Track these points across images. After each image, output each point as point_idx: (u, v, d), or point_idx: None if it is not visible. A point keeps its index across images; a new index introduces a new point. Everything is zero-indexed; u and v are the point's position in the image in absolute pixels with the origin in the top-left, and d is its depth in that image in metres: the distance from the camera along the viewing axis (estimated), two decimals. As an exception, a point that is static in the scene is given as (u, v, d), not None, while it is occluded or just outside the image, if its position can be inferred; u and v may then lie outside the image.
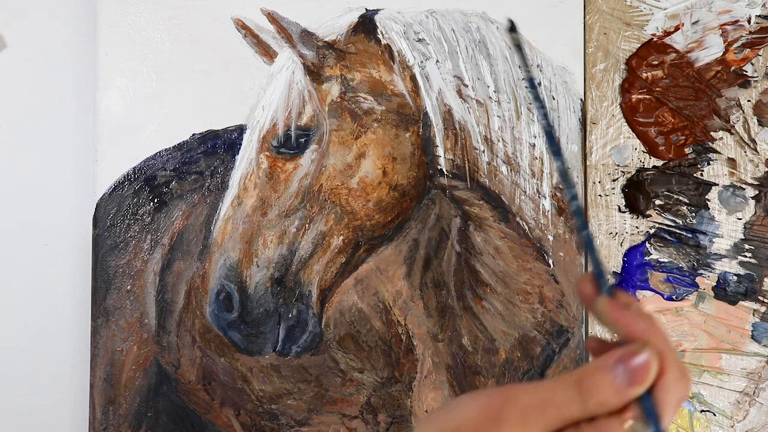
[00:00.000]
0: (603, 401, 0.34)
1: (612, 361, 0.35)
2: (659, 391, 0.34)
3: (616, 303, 0.36)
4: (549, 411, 0.34)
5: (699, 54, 0.71)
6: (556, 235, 0.70)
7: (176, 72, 0.70)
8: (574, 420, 0.35)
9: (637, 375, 0.34)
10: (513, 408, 0.35)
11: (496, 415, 0.35)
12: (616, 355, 0.35)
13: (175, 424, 0.69)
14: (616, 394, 0.34)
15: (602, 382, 0.34)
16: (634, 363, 0.34)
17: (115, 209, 0.69)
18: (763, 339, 0.70)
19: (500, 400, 0.35)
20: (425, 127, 0.69)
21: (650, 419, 0.34)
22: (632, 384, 0.34)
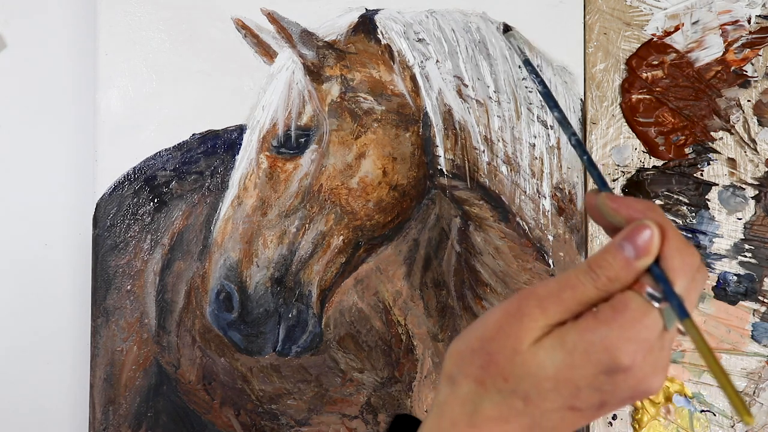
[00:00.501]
0: (614, 276, 0.36)
1: (618, 239, 0.36)
2: (666, 260, 0.36)
3: (614, 195, 0.39)
4: (565, 295, 0.36)
5: (699, 54, 0.71)
6: (556, 235, 0.70)
7: (176, 72, 0.70)
8: (591, 302, 0.36)
9: (643, 246, 0.36)
10: (531, 300, 0.36)
11: (516, 310, 0.37)
12: (622, 234, 0.36)
13: (175, 424, 0.69)
14: (626, 268, 0.36)
15: (611, 259, 0.36)
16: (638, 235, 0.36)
17: (115, 209, 0.69)
18: (763, 339, 0.70)
19: (519, 297, 0.37)
20: (425, 127, 0.69)
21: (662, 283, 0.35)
22: (639, 256, 0.36)
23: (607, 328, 0.35)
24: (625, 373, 0.35)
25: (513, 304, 0.37)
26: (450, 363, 0.39)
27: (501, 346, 0.36)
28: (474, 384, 0.37)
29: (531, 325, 0.36)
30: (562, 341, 0.35)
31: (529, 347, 0.36)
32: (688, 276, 0.36)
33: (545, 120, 0.70)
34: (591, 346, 0.35)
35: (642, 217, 0.37)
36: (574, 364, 0.35)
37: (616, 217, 0.38)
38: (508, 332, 0.36)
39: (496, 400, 0.37)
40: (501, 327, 0.37)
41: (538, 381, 0.36)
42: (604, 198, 0.39)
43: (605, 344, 0.35)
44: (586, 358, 0.35)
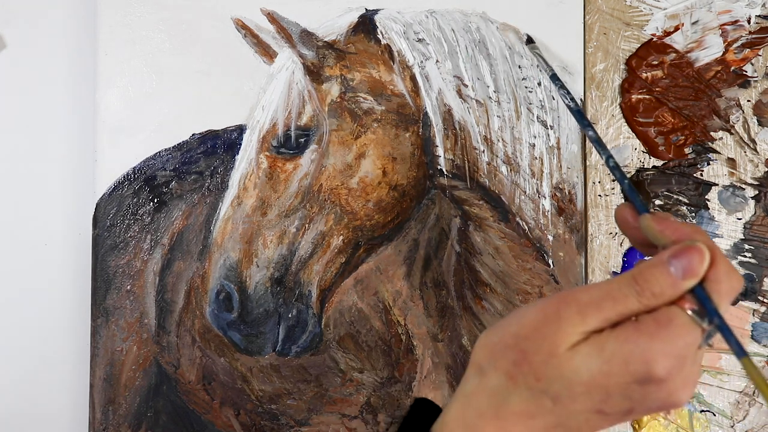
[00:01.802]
0: (659, 293, 0.36)
1: (666, 256, 0.36)
2: (711, 283, 0.36)
3: (658, 216, 0.39)
4: (606, 305, 0.36)
5: (699, 54, 0.71)
6: (555, 235, 0.70)
7: (176, 72, 0.70)
8: (631, 313, 0.37)
9: (691, 267, 0.36)
10: (571, 305, 0.37)
11: (554, 313, 0.37)
12: (670, 252, 0.37)
13: (175, 424, 0.69)
14: (672, 287, 0.36)
15: (658, 276, 0.36)
16: (687, 255, 0.36)
17: (115, 209, 0.69)
18: (763, 339, 0.70)
19: (558, 300, 0.37)
20: (425, 127, 0.69)
21: (706, 306, 0.36)
22: (686, 276, 0.36)
23: (649, 339, 0.35)
24: (658, 384, 0.36)
25: (552, 306, 0.37)
26: (480, 354, 0.39)
27: (537, 346, 0.37)
28: (504, 378, 0.38)
29: (569, 330, 0.36)
30: (600, 349, 0.36)
31: (566, 351, 0.36)
32: (730, 299, 0.37)
33: (545, 120, 0.70)
34: (630, 356, 0.35)
35: (689, 239, 0.37)
36: (610, 372, 0.36)
37: (662, 239, 0.38)
38: (545, 334, 0.37)
39: (525, 396, 0.37)
40: (538, 327, 0.37)
41: (570, 384, 0.36)
42: (648, 220, 0.39)
43: (645, 356, 0.35)
44: (623, 368, 0.36)
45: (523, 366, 0.37)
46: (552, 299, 0.38)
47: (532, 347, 0.37)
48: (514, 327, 0.38)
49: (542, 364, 0.37)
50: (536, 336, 0.37)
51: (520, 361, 0.37)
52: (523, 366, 0.37)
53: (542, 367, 0.37)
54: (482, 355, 0.39)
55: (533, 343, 0.37)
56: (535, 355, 0.37)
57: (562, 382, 0.36)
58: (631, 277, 0.36)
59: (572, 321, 0.36)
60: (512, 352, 0.38)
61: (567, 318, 0.37)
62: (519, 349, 0.37)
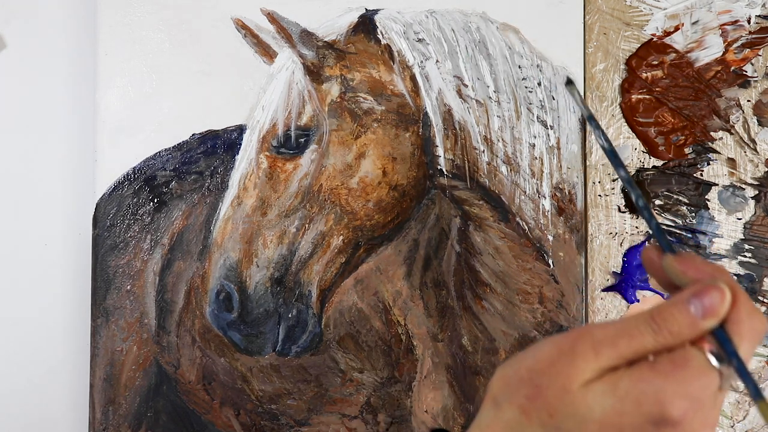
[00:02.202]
0: (676, 332, 0.35)
1: (686, 295, 0.36)
2: (732, 324, 0.36)
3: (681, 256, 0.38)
4: (621, 342, 0.36)
5: (699, 54, 0.71)
6: (555, 235, 0.70)
7: (176, 72, 0.70)
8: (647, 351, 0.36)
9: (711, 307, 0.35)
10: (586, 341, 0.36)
11: (569, 349, 0.36)
12: (690, 291, 0.36)
13: (175, 424, 0.69)
14: (690, 326, 0.35)
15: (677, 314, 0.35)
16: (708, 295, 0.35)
17: (115, 209, 0.69)
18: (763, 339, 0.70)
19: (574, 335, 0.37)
20: (425, 127, 0.69)
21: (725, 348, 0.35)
22: (706, 316, 0.35)
23: (664, 380, 0.35)
24: (674, 427, 0.35)
25: (567, 341, 0.37)
26: (496, 387, 0.39)
27: (551, 381, 0.37)
28: (518, 412, 0.37)
29: (583, 367, 0.36)
30: (614, 387, 0.35)
31: (579, 388, 0.36)
32: (753, 343, 0.37)
33: (545, 120, 0.70)
34: (644, 396, 0.35)
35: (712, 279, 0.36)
36: (623, 411, 0.35)
37: (684, 279, 0.38)
38: (560, 370, 0.36)
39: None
40: (553, 363, 0.37)
41: (584, 422, 0.36)
42: (671, 260, 0.38)
43: (659, 397, 0.35)
44: (636, 408, 0.35)
45: (537, 401, 0.37)
46: (568, 334, 0.37)
47: (546, 382, 0.37)
48: (530, 361, 0.38)
49: (556, 400, 0.36)
50: (550, 371, 0.37)
51: (534, 395, 0.37)
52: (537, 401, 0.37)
53: (556, 403, 0.36)
54: (498, 388, 0.39)
55: (547, 378, 0.37)
56: (549, 390, 0.36)
57: (575, 420, 0.36)
58: (649, 315, 0.36)
59: (586, 357, 0.36)
60: (526, 386, 0.37)
61: (581, 354, 0.36)
62: (533, 383, 0.37)
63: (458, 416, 0.70)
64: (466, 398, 0.70)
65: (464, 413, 0.69)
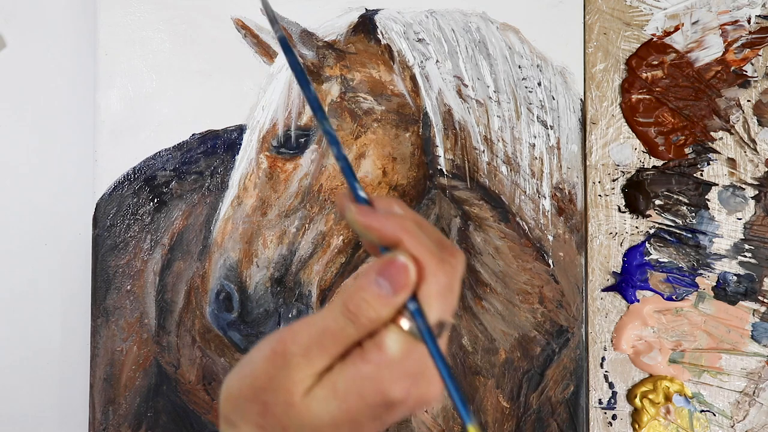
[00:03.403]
0: (373, 317, 0.34)
1: (372, 275, 0.35)
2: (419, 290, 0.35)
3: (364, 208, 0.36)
4: (326, 342, 0.35)
5: (699, 54, 0.71)
6: (555, 235, 0.70)
7: (176, 72, 0.70)
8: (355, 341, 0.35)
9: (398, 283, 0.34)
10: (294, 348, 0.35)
11: (282, 360, 0.35)
12: (374, 269, 0.35)
13: (175, 424, 0.69)
14: (385, 306, 0.34)
15: (368, 299, 0.34)
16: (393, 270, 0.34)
17: (115, 209, 0.69)
18: (763, 339, 0.70)
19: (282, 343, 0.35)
20: (425, 127, 0.69)
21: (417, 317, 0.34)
22: (396, 292, 0.34)
23: (376, 368, 0.34)
24: (402, 404, 0.35)
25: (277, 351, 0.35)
26: (226, 408, 0.37)
27: (275, 397, 0.35)
28: (255, 429, 0.36)
29: (300, 377, 0.35)
30: (334, 390, 0.34)
31: (302, 399, 0.35)
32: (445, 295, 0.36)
33: (545, 120, 0.70)
34: (363, 390, 0.34)
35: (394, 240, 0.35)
36: (349, 408, 0.35)
37: (366, 234, 0.36)
38: (278, 385, 0.35)
39: None
40: (270, 378, 0.35)
41: (316, 428, 0.35)
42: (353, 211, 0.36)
43: (377, 387, 0.34)
44: (361, 401, 0.34)
45: (267, 417, 0.36)
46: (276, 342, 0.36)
47: (271, 398, 0.35)
48: (249, 378, 0.36)
49: (284, 416, 0.35)
50: (271, 386, 0.35)
51: (263, 412, 0.36)
52: (267, 417, 0.36)
53: (284, 419, 0.35)
54: (228, 409, 0.37)
55: (271, 394, 0.35)
56: (275, 407, 0.35)
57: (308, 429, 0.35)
58: (343, 306, 0.34)
59: (299, 367, 0.35)
60: (254, 404, 0.36)
61: (293, 364, 0.35)
62: (259, 401, 0.36)
63: (458, 416, 0.70)
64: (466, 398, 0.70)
65: (464, 413, 0.69)
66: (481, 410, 0.69)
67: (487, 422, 0.69)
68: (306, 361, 0.35)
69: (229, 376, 0.37)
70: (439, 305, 0.35)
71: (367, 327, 0.35)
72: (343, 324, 0.34)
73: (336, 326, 0.35)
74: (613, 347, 0.70)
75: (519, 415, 0.69)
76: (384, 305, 0.34)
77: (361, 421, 0.35)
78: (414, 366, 0.35)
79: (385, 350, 0.34)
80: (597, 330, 0.70)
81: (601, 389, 0.70)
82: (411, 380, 0.35)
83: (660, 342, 0.70)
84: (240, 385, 0.37)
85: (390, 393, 0.34)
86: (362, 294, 0.35)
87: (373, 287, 0.34)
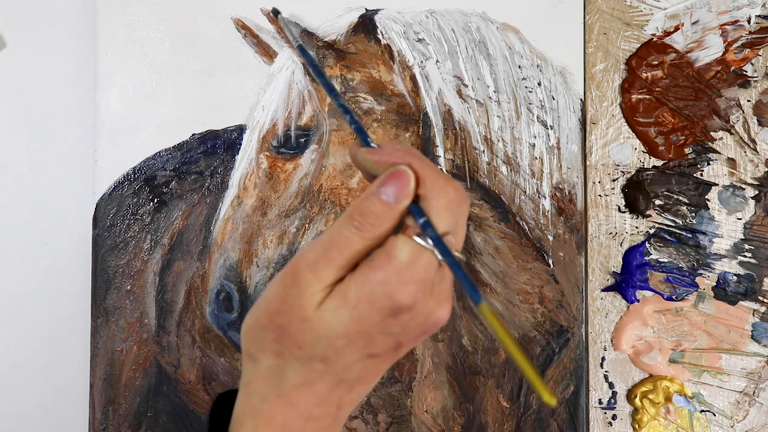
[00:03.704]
0: (377, 223, 0.36)
1: (375, 187, 0.37)
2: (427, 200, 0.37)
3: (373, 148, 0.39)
4: (333, 253, 0.36)
5: (699, 54, 0.71)
6: (556, 235, 0.70)
7: (176, 72, 0.70)
8: (361, 252, 0.37)
9: (399, 189, 0.36)
10: (303, 265, 0.37)
11: (292, 280, 0.37)
12: (378, 181, 0.37)
13: (175, 424, 0.69)
14: (387, 213, 0.36)
15: (371, 206, 0.36)
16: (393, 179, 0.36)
17: (115, 209, 0.69)
18: (763, 339, 0.70)
19: (291, 266, 0.37)
20: (425, 127, 0.69)
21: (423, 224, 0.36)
22: (398, 199, 0.36)
23: (384, 273, 0.36)
24: (410, 312, 0.36)
25: (288, 274, 0.37)
26: (246, 342, 0.39)
27: (289, 317, 0.37)
28: (273, 357, 0.38)
29: (310, 291, 0.36)
30: (344, 298, 0.36)
31: (315, 312, 0.36)
32: (454, 211, 0.37)
33: (545, 120, 0.70)
34: (372, 295, 0.36)
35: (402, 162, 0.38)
36: (360, 316, 0.36)
37: (378, 169, 0.38)
38: (291, 303, 0.37)
39: (297, 368, 0.37)
40: (283, 299, 0.37)
41: (330, 341, 0.37)
42: (364, 153, 0.39)
43: (385, 290, 0.36)
44: (370, 308, 0.36)
45: (284, 340, 0.37)
46: (287, 267, 0.38)
47: (285, 320, 0.37)
48: (264, 306, 0.38)
49: (299, 333, 0.37)
50: (284, 308, 0.37)
51: (279, 336, 0.37)
52: (284, 340, 0.37)
53: (300, 335, 0.37)
54: (248, 343, 0.39)
55: (285, 316, 0.37)
56: (290, 326, 0.37)
57: (322, 342, 0.36)
58: (348, 216, 0.36)
59: (309, 282, 0.36)
60: (270, 330, 0.38)
61: (303, 280, 0.36)
62: (275, 325, 0.37)
63: (458, 416, 0.70)
64: (466, 398, 0.70)
65: (464, 413, 0.69)
66: (481, 410, 0.69)
67: (487, 422, 0.69)
68: (314, 275, 0.36)
69: (248, 313, 0.39)
70: (447, 218, 0.37)
71: (371, 235, 0.36)
72: (348, 233, 0.36)
73: (341, 236, 0.36)
74: (613, 347, 0.70)
75: (519, 415, 0.69)
76: (386, 212, 0.36)
77: (372, 333, 0.36)
78: (421, 273, 0.36)
79: (393, 256, 0.36)
80: (597, 330, 0.70)
81: (601, 389, 0.70)
82: (420, 287, 0.36)
83: (660, 342, 0.70)
84: (256, 316, 0.38)
85: (398, 297, 0.36)
86: (365, 203, 0.36)
87: (376, 196, 0.36)
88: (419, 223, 0.36)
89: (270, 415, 0.38)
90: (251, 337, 0.39)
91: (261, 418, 0.38)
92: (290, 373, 0.38)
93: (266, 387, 0.38)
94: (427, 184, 0.37)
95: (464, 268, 0.36)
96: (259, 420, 0.38)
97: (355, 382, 0.38)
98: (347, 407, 0.39)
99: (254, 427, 0.38)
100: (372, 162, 0.38)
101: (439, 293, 0.37)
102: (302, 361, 0.37)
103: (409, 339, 0.38)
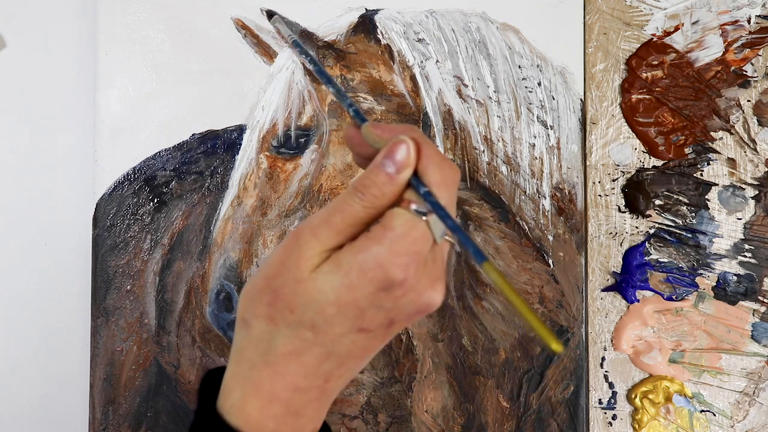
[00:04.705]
0: (379, 193, 0.37)
1: (379, 158, 0.38)
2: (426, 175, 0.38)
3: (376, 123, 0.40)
4: (335, 219, 0.37)
5: (699, 54, 0.71)
6: (556, 235, 0.70)
7: (176, 72, 0.70)
8: (362, 222, 0.38)
9: (401, 160, 0.37)
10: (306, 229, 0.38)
11: (294, 243, 0.38)
12: (382, 153, 0.38)
13: (175, 424, 0.69)
14: (389, 183, 0.37)
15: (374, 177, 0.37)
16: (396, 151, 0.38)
17: (115, 209, 0.69)
18: (763, 339, 0.70)
19: (295, 231, 0.38)
20: (425, 127, 0.69)
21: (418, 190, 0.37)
22: (399, 170, 0.37)
23: (378, 245, 0.36)
24: (401, 287, 0.36)
25: (291, 238, 0.38)
26: (241, 306, 0.39)
27: (285, 280, 0.37)
28: (265, 322, 0.38)
29: (308, 254, 0.37)
30: (338, 264, 0.36)
31: (310, 274, 0.37)
32: (449, 189, 0.38)
33: (545, 120, 0.70)
34: (365, 264, 0.36)
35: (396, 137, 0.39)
36: (351, 284, 0.36)
37: (381, 143, 0.39)
38: (289, 265, 0.37)
39: (286, 334, 0.37)
40: (282, 262, 0.37)
41: (321, 307, 0.37)
42: (368, 127, 0.40)
43: (378, 261, 0.36)
44: (362, 277, 0.36)
45: (277, 303, 0.37)
46: (291, 233, 0.38)
47: (280, 282, 0.37)
48: (263, 270, 0.38)
49: (292, 295, 0.37)
50: (282, 270, 0.37)
51: (273, 300, 0.37)
52: (277, 303, 0.37)
53: (292, 298, 0.37)
54: (243, 307, 0.39)
55: (281, 278, 0.37)
56: (285, 288, 0.37)
57: (313, 307, 0.37)
58: (352, 188, 0.37)
59: (309, 244, 0.37)
60: (265, 294, 0.38)
61: (304, 243, 0.37)
62: (270, 288, 0.38)
63: (458, 416, 0.70)
64: (466, 398, 0.70)
65: (464, 413, 0.69)
66: (481, 410, 0.69)
67: (487, 422, 0.69)
68: (314, 238, 0.37)
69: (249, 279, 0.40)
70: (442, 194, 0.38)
71: (373, 204, 0.37)
72: (351, 201, 0.37)
73: (344, 203, 0.37)
74: (613, 347, 0.70)
75: (519, 415, 0.69)
76: (388, 182, 0.37)
77: (363, 306, 0.37)
78: (415, 245, 0.36)
79: (389, 227, 0.36)
80: (597, 330, 0.70)
81: (601, 389, 0.70)
82: (413, 261, 0.36)
83: (660, 342, 0.70)
84: (255, 280, 0.39)
85: (390, 269, 0.36)
86: (369, 175, 0.38)
87: (379, 167, 0.37)
88: (421, 192, 0.37)
89: (258, 384, 0.38)
90: (246, 301, 0.39)
91: (249, 386, 0.38)
92: (280, 340, 0.37)
93: (256, 354, 0.38)
94: (427, 161, 0.38)
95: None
96: (247, 388, 0.38)
97: (344, 356, 0.38)
98: (336, 381, 0.39)
99: (242, 395, 0.38)
100: (375, 135, 0.39)
101: (432, 272, 0.38)
102: (292, 327, 0.37)
103: (401, 317, 0.38)
